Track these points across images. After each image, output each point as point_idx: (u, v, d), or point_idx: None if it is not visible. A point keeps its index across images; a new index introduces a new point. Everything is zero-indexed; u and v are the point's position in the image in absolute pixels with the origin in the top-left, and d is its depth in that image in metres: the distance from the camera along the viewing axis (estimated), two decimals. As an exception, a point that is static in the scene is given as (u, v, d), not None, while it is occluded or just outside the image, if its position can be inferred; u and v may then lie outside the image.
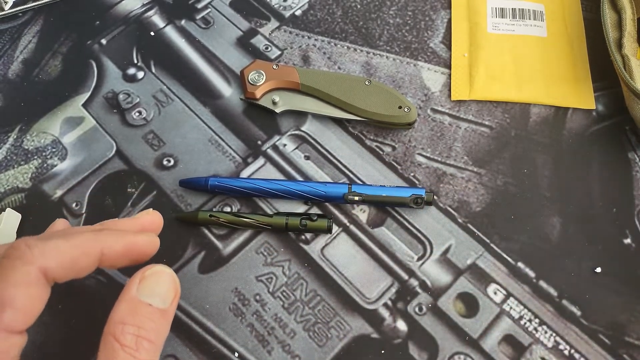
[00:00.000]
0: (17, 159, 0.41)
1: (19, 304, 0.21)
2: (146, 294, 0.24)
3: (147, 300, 0.24)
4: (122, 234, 0.26)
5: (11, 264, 0.21)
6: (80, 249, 0.24)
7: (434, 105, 0.42)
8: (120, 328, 0.22)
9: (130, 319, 0.23)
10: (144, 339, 0.23)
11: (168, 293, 0.25)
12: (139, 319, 0.23)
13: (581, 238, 0.37)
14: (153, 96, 0.43)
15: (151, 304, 0.24)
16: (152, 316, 0.24)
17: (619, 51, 0.40)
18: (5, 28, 0.47)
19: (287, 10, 0.47)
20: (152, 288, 0.24)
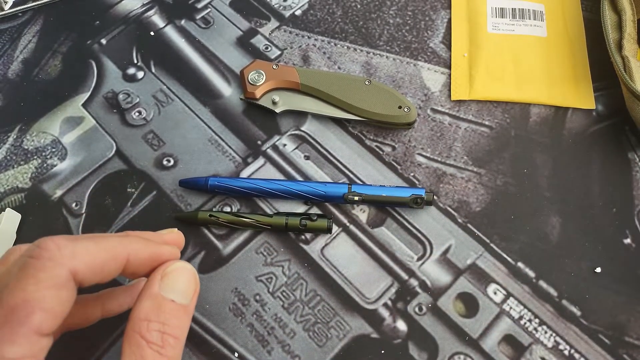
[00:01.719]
0: (17, 159, 0.41)
1: (49, 306, 0.21)
2: (169, 290, 0.24)
3: (170, 297, 0.24)
4: (148, 242, 0.26)
5: (42, 265, 0.21)
6: (109, 253, 0.23)
7: (434, 105, 0.42)
8: (146, 325, 0.22)
9: (155, 316, 0.23)
10: (169, 336, 0.23)
11: (189, 289, 0.25)
12: (163, 315, 0.23)
13: (581, 238, 0.37)
14: (153, 96, 0.43)
15: (174, 300, 0.24)
16: (176, 313, 0.24)
17: (619, 52, 0.40)
18: (5, 28, 0.47)
19: (287, 10, 0.47)
20: (174, 284, 0.24)
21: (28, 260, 0.21)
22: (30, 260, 0.21)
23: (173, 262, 0.25)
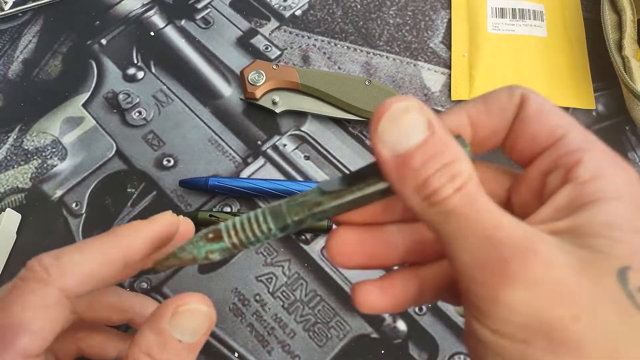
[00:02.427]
0: (17, 159, 0.41)
1: (37, 327, 0.21)
2: (178, 329, 0.22)
3: (177, 336, 0.22)
4: (136, 229, 0.24)
5: (29, 287, 0.21)
6: (98, 260, 0.23)
7: (434, 105, 0.42)
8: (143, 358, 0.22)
9: (158, 353, 0.22)
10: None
11: (201, 330, 0.23)
12: (166, 355, 0.22)
13: (581, 238, 0.37)
14: (153, 96, 0.43)
15: (181, 340, 0.22)
16: (181, 352, 0.23)
17: (619, 52, 0.40)
18: (5, 28, 0.47)
19: (287, 10, 0.47)
20: (186, 326, 0.23)
21: (17, 282, 0.21)
22: (19, 282, 0.21)
23: (188, 299, 0.23)
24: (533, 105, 0.21)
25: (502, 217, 0.18)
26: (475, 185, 0.18)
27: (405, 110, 0.18)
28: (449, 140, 0.19)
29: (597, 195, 0.19)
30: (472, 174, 0.18)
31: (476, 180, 0.18)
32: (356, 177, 0.21)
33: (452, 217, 0.18)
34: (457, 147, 0.19)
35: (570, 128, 0.21)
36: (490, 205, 0.18)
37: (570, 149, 0.20)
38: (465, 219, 0.18)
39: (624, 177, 0.19)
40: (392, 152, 0.18)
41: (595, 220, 0.18)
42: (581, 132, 0.21)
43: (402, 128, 0.18)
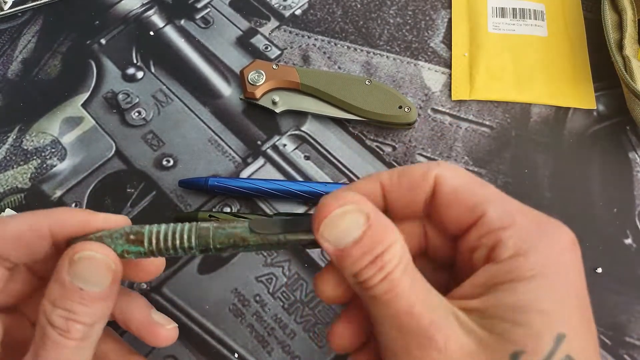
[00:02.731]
0: (16, 159, 0.41)
1: None
2: (77, 278, 0.22)
3: (78, 285, 0.22)
4: (78, 211, 0.25)
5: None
6: (25, 224, 0.23)
7: (434, 105, 0.42)
8: (50, 309, 0.22)
9: (60, 302, 0.22)
10: (75, 322, 0.22)
11: (102, 279, 0.23)
12: (69, 303, 0.22)
13: (581, 238, 0.37)
14: (152, 96, 0.43)
15: (83, 288, 0.22)
16: (84, 301, 0.22)
17: (619, 52, 0.40)
18: (5, 28, 0.47)
19: (287, 9, 0.47)
20: (82, 274, 0.22)
21: None
22: None
23: (83, 246, 0.23)
24: (448, 186, 0.22)
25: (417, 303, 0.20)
26: (400, 271, 0.20)
27: (343, 214, 0.21)
28: (384, 231, 0.21)
29: (511, 275, 0.20)
30: (401, 258, 0.21)
31: (403, 265, 0.20)
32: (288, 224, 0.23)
33: (377, 302, 0.21)
34: (391, 235, 0.21)
35: (488, 205, 0.22)
36: (411, 290, 0.20)
37: (490, 229, 0.21)
38: (385, 305, 0.20)
39: (546, 252, 0.20)
40: (333, 246, 0.21)
41: (503, 302, 0.20)
42: (500, 206, 0.22)
43: (340, 229, 0.21)
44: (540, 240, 0.21)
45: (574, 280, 0.21)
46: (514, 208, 0.22)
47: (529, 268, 0.20)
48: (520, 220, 0.21)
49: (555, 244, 0.21)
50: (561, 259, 0.21)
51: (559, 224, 0.22)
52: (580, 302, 0.21)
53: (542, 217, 0.22)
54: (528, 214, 0.22)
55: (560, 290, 0.20)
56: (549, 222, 0.22)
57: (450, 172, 0.22)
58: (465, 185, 0.22)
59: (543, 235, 0.21)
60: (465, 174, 0.23)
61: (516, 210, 0.22)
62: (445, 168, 0.23)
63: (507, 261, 0.21)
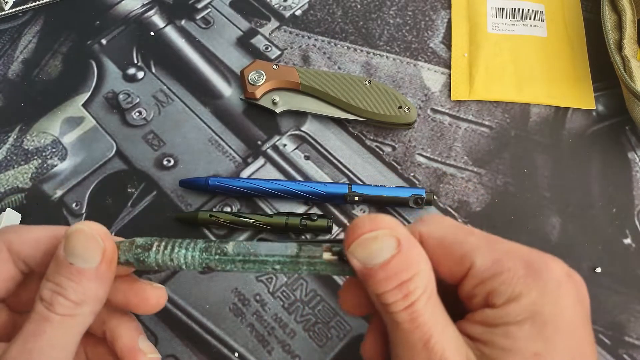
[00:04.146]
0: (17, 159, 0.41)
1: None
2: (69, 253, 0.23)
3: (69, 260, 0.23)
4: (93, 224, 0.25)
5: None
6: (48, 232, 0.25)
7: (434, 105, 0.42)
8: (43, 283, 0.23)
9: (52, 276, 0.23)
10: (60, 296, 0.23)
11: (91, 253, 0.24)
12: (58, 277, 0.23)
13: (581, 238, 0.37)
14: (153, 96, 0.43)
15: (72, 263, 0.23)
16: (72, 276, 0.23)
17: (619, 52, 0.40)
18: (5, 28, 0.47)
19: (287, 10, 0.47)
20: (72, 248, 0.24)
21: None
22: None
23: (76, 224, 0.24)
24: (433, 242, 0.23)
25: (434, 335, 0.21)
26: (423, 302, 0.21)
27: (374, 239, 0.22)
28: (413, 258, 0.22)
29: (505, 319, 0.21)
30: (426, 288, 0.21)
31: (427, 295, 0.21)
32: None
33: (397, 326, 0.21)
34: (419, 263, 0.22)
35: (475, 255, 0.22)
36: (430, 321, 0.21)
37: (481, 279, 0.22)
38: (404, 332, 0.21)
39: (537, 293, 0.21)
40: (361, 264, 0.22)
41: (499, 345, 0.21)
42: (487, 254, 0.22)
43: (370, 251, 0.21)
44: (532, 282, 0.21)
45: (569, 316, 0.21)
46: (501, 252, 0.22)
47: (521, 311, 0.21)
48: (508, 266, 0.22)
49: (547, 283, 0.21)
50: (554, 297, 0.21)
51: (548, 258, 0.22)
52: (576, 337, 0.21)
53: (531, 254, 0.22)
54: (516, 255, 0.22)
55: (554, 330, 0.21)
56: (538, 260, 0.22)
57: (432, 227, 0.23)
58: (449, 238, 0.23)
59: (533, 276, 0.21)
60: (449, 225, 0.23)
61: (503, 255, 0.22)
62: (428, 223, 0.23)
63: (501, 307, 0.21)
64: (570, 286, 0.22)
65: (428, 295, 0.21)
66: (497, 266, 0.22)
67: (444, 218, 0.24)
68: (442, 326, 0.21)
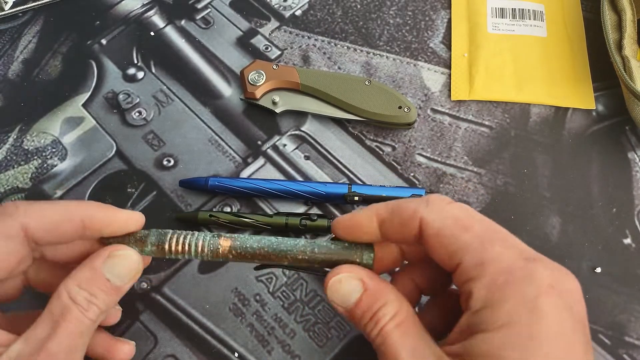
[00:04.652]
0: (17, 159, 0.41)
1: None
2: (109, 270, 0.26)
3: (107, 276, 0.26)
4: (104, 206, 0.27)
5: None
6: (61, 213, 0.26)
7: (434, 105, 0.42)
8: (77, 290, 0.25)
9: (87, 285, 0.25)
10: (94, 305, 0.26)
11: (128, 276, 0.27)
12: (95, 289, 0.26)
13: (581, 238, 0.37)
14: (153, 96, 0.43)
15: (110, 280, 0.26)
16: (108, 290, 0.26)
17: (619, 52, 0.40)
18: (5, 28, 0.47)
19: (287, 10, 0.47)
20: (116, 268, 0.26)
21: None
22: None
23: (123, 246, 0.27)
24: (431, 231, 0.24)
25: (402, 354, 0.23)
26: (392, 326, 0.24)
27: (339, 282, 0.26)
28: (380, 292, 0.25)
29: (483, 326, 0.22)
30: (396, 315, 0.25)
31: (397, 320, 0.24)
32: None
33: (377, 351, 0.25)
34: (386, 295, 0.25)
35: (465, 254, 0.23)
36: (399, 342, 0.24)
37: (465, 278, 0.23)
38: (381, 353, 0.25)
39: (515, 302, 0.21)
40: (341, 307, 0.26)
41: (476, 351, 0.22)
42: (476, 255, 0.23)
43: (341, 294, 0.26)
44: (509, 290, 0.22)
45: (549, 325, 0.21)
46: (490, 255, 0.23)
47: (498, 319, 0.21)
48: (491, 271, 0.22)
49: (525, 292, 0.22)
50: (531, 307, 0.21)
51: (536, 266, 0.22)
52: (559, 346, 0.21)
53: (517, 262, 0.23)
54: (502, 261, 0.23)
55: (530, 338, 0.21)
56: (523, 267, 0.22)
57: (434, 215, 0.24)
58: (447, 230, 0.24)
59: (513, 284, 0.22)
60: (449, 216, 0.24)
61: (489, 259, 0.23)
62: (432, 210, 0.25)
63: (479, 312, 0.22)
64: (552, 296, 0.22)
65: (399, 320, 0.24)
66: (480, 269, 0.22)
67: (448, 205, 0.25)
68: (414, 344, 0.24)
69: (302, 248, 0.28)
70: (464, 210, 0.25)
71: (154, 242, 0.28)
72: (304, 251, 0.28)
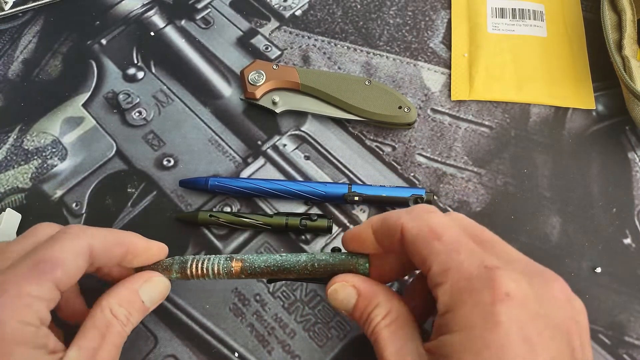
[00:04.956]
0: (17, 159, 0.41)
1: (68, 267, 0.26)
2: (145, 293, 0.30)
3: (143, 298, 0.30)
4: (141, 237, 0.31)
5: (68, 236, 0.27)
6: (116, 239, 0.30)
7: (434, 105, 0.42)
8: (117, 306, 0.29)
9: (127, 304, 0.29)
10: (130, 322, 0.29)
11: (158, 299, 0.31)
12: (132, 308, 0.29)
13: (581, 238, 0.37)
14: (153, 96, 0.43)
15: (144, 302, 0.30)
16: (140, 310, 0.30)
17: (619, 52, 0.40)
18: (6, 28, 0.47)
19: (287, 10, 0.47)
20: (151, 292, 0.31)
21: (58, 233, 0.28)
22: (60, 233, 0.28)
23: (157, 274, 0.31)
24: (408, 237, 0.26)
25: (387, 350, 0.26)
26: (383, 325, 0.27)
27: (335, 291, 0.30)
28: (372, 295, 0.28)
29: (444, 328, 0.24)
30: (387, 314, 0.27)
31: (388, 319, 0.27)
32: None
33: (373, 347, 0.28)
34: (377, 297, 0.28)
35: (433, 260, 0.25)
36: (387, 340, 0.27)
37: (432, 284, 0.25)
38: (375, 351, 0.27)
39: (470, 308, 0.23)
40: (344, 311, 0.30)
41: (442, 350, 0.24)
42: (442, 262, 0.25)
43: (340, 300, 0.29)
44: (467, 296, 0.23)
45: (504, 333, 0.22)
46: (454, 263, 0.24)
47: (455, 323, 0.23)
48: (453, 277, 0.24)
49: (482, 299, 0.23)
50: (486, 313, 0.23)
51: (492, 276, 0.23)
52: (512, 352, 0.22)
53: (477, 270, 0.24)
54: (463, 268, 0.24)
55: (484, 344, 0.22)
56: (484, 275, 0.23)
57: (412, 223, 0.26)
58: (421, 238, 0.26)
59: (471, 291, 0.23)
60: (426, 224, 0.26)
61: (454, 266, 0.24)
62: (411, 218, 0.27)
63: (443, 315, 0.24)
64: (507, 304, 0.22)
65: (389, 320, 0.27)
66: (444, 276, 0.24)
67: (427, 214, 0.27)
68: (401, 344, 0.26)
69: (304, 264, 0.31)
70: (442, 219, 0.26)
71: (177, 269, 0.32)
72: (306, 266, 0.31)
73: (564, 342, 0.23)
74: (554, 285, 0.24)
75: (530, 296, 0.23)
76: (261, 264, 0.31)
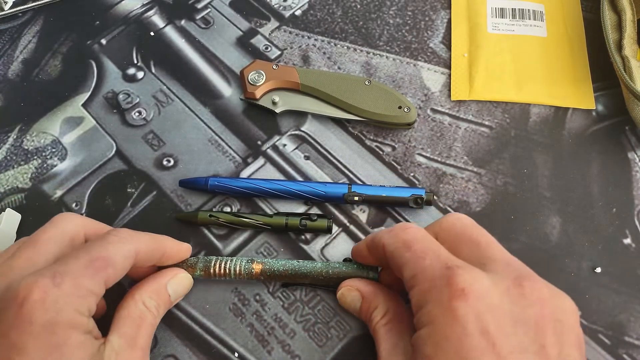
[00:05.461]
0: (17, 159, 0.41)
1: (117, 267, 0.29)
2: (172, 287, 0.33)
3: (169, 292, 0.33)
4: (173, 240, 0.34)
5: (119, 239, 0.30)
6: (156, 243, 0.32)
7: (433, 105, 0.42)
8: (148, 299, 0.31)
9: (156, 297, 0.32)
10: (158, 311, 0.32)
11: (182, 293, 0.34)
12: (160, 300, 0.32)
13: (581, 238, 0.37)
14: (153, 96, 0.43)
15: (170, 295, 0.33)
16: (167, 302, 0.33)
17: (619, 52, 0.40)
18: (5, 28, 0.47)
19: (287, 10, 0.47)
20: (177, 287, 0.33)
21: (109, 235, 0.30)
22: (110, 236, 0.30)
23: (183, 270, 0.34)
24: (387, 252, 0.30)
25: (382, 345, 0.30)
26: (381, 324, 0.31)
27: (342, 295, 0.33)
28: (373, 298, 0.32)
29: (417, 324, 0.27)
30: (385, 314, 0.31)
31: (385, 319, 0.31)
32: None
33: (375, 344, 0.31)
34: (377, 299, 0.32)
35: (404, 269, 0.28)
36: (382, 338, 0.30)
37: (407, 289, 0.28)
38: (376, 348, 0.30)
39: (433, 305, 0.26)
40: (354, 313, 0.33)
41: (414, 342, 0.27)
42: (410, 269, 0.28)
43: (347, 304, 0.33)
44: (429, 295, 0.26)
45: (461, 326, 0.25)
46: (420, 268, 0.27)
47: (423, 319, 0.26)
48: (420, 280, 0.27)
49: (441, 296, 0.26)
50: (444, 309, 0.25)
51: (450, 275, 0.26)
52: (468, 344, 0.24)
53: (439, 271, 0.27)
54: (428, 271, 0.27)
55: (444, 337, 0.25)
56: (441, 276, 0.26)
57: (390, 240, 0.30)
58: (396, 251, 0.29)
59: (433, 290, 0.26)
60: (401, 239, 0.29)
61: (420, 271, 0.27)
62: (390, 236, 0.30)
63: (415, 314, 0.27)
64: (462, 299, 0.25)
65: (387, 319, 0.31)
66: (414, 280, 0.27)
67: (402, 232, 0.30)
68: (395, 340, 0.29)
69: (319, 270, 0.34)
70: (415, 233, 0.29)
71: (201, 267, 0.34)
72: (321, 272, 0.34)
73: (529, 337, 0.25)
74: (525, 284, 0.26)
75: (490, 292, 0.25)
76: (280, 267, 0.34)
